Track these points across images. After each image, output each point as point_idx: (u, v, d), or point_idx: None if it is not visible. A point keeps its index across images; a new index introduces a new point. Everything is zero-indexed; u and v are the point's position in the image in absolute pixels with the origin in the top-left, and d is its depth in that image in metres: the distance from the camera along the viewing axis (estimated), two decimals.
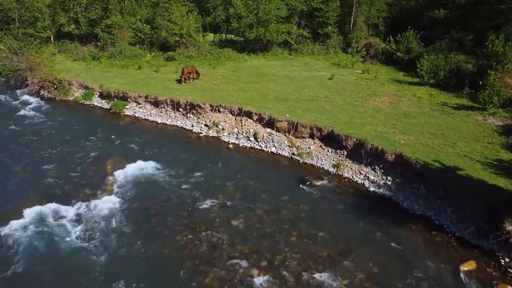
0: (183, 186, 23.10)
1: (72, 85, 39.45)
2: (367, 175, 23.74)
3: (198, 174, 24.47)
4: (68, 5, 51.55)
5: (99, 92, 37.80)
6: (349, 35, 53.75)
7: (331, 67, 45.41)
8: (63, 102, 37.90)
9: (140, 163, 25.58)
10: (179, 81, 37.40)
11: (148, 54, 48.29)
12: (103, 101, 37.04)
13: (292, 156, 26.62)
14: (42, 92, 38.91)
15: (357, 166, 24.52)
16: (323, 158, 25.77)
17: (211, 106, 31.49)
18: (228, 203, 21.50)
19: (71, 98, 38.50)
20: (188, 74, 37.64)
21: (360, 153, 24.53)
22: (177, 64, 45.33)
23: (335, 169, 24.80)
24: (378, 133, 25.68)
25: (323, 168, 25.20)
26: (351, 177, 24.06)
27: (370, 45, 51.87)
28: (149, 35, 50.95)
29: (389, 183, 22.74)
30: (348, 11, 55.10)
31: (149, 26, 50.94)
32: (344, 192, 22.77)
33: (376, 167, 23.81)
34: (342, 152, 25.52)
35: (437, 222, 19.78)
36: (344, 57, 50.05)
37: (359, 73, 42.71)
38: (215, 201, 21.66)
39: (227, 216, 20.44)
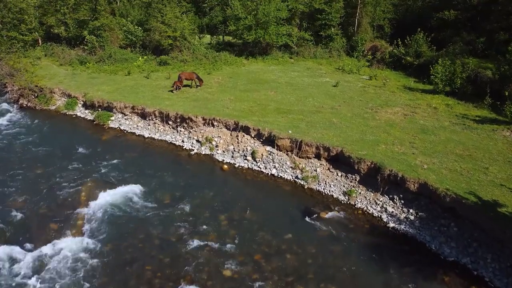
0: (168, 221, 19.06)
1: (54, 93, 35.35)
2: (384, 206, 19.69)
3: (186, 204, 20.42)
4: (55, 6, 47.36)
5: (82, 101, 33.69)
6: (353, 38, 49.62)
7: (335, 73, 41.33)
8: (44, 112, 33.78)
9: (120, 190, 21.55)
10: (175, 89, 33.46)
11: (140, 58, 44.13)
12: (86, 111, 32.94)
13: (296, 180, 22.58)
14: (21, 101, 34.84)
15: (372, 194, 20.47)
16: (332, 183, 21.72)
17: (203, 119, 27.42)
18: (220, 244, 17.45)
19: (53, 108, 34.40)
20: (181, 82, 33.58)
21: (376, 179, 20.46)
22: (170, 69, 41.27)
23: (346, 198, 20.76)
24: (396, 155, 21.62)
25: (332, 195, 21.15)
26: (365, 208, 20.01)
27: (375, 48, 47.76)
28: (141, 38, 46.79)
29: (412, 217, 18.70)
30: (352, 12, 50.92)
31: (141, 28, 46.77)
32: (358, 229, 18.74)
33: (395, 196, 19.77)
34: (354, 176, 21.46)
35: (475, 272, 15.75)
36: (348, 61, 45.94)
37: (366, 79, 38.64)
38: (205, 241, 17.61)
39: (218, 263, 16.39)
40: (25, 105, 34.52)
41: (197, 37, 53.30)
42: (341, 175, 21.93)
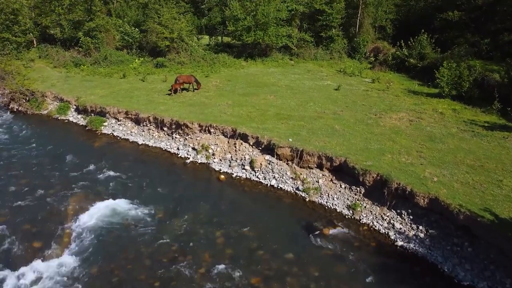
0: (160, 238, 17.58)
1: (46, 97, 33.88)
2: (391, 221, 18.22)
3: (179, 219, 18.97)
4: (50, 6, 45.83)
5: (75, 105, 32.21)
6: (355, 39, 48.10)
7: (337, 75, 39.85)
8: (35, 117, 32.32)
9: (110, 203, 20.11)
10: (173, 92, 32.15)
11: (136, 60, 42.70)
12: (79, 116, 31.46)
13: (297, 191, 21.10)
14: (12, 105, 33.36)
15: (378, 209, 19.00)
16: (335, 196, 20.24)
17: (200, 126, 25.93)
18: (215, 265, 15.98)
19: (45, 112, 32.93)
20: (179, 86, 32.13)
21: (382, 192, 18.98)
22: (166, 72, 39.78)
23: (351, 212, 19.29)
24: (403, 166, 20.13)
25: (335, 209, 19.67)
26: (371, 223, 18.53)
27: (378, 49, 46.26)
28: (138, 39, 45.29)
29: (422, 235, 17.24)
30: (353, 13, 49.41)
31: (138, 30, 45.25)
32: (363, 247, 17.27)
33: (403, 211, 18.30)
34: (358, 189, 19.98)
35: None
36: (350, 63, 44.48)
37: (369, 82, 37.16)
38: (198, 262, 16.14)
39: None
40: (15, 110, 33.10)
41: (196, 38, 51.82)
42: (345, 187, 20.45)
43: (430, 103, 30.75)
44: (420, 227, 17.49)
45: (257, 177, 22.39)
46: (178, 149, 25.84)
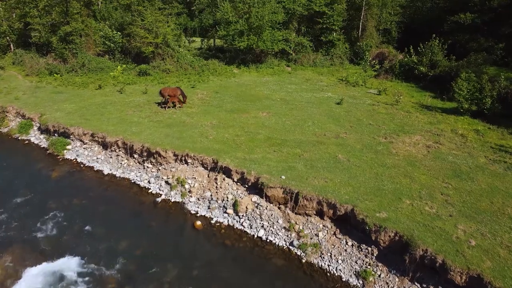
0: None
1: (7, 112, 28.89)
2: None
3: None
4: (24, 8, 40.66)
5: (38, 123, 27.19)
6: (357, 43, 42.97)
7: (338, 85, 34.77)
8: None
9: (53, 265, 15.31)
10: (159, 104, 27.51)
11: (118, 67, 37.59)
12: (42, 136, 26.47)
13: (290, 247, 16.10)
14: None
15: (397, 279, 13.99)
16: (340, 257, 15.23)
17: (175, 155, 20.92)
18: None
19: (5, 130, 28.04)
20: (178, 98, 27.33)
21: (402, 257, 13.98)
22: (149, 81, 34.75)
23: (361, 282, 14.28)
24: (427, 219, 15.11)
25: (340, 277, 14.65)
26: None
27: (383, 55, 41.16)
28: (120, 44, 40.14)
29: None
30: (355, 15, 44.26)
31: (120, 33, 40.09)
32: None
33: (431, 287, 13.28)
34: (370, 249, 14.98)
35: None
36: (353, 70, 39.41)
37: (375, 94, 32.12)
38: None
39: None
40: None
41: (186, 41, 46.72)
42: (352, 245, 15.45)
43: (447, 122, 25.75)
44: None
45: (242, 224, 17.39)
46: (149, 182, 20.84)
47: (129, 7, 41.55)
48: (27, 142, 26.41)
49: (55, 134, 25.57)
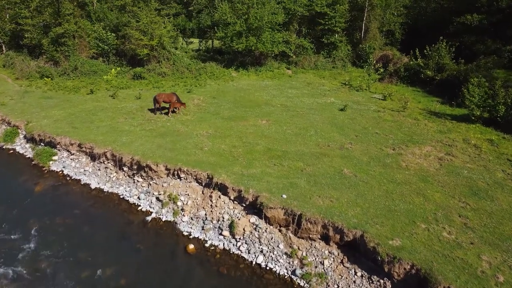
0: None
1: None
2: None
3: None
4: (15, 9, 38.80)
5: (25, 131, 25.38)
6: (360, 45, 41.13)
7: (341, 90, 32.96)
8: None
9: None
10: (152, 111, 25.75)
11: (112, 70, 35.79)
12: (27, 145, 24.66)
13: (293, 277, 14.29)
14: None
15: None
16: None
17: (167, 169, 19.12)
18: None
19: None
20: (179, 104, 25.61)
21: None
22: (144, 85, 32.93)
23: None
24: (446, 247, 13.32)
25: None
26: None
27: (386, 58, 39.36)
28: (115, 46, 38.29)
29: None
30: (358, 16, 42.38)
31: (114, 35, 38.24)
32: None
33: None
34: (382, 282, 13.17)
35: None
36: (356, 73, 37.61)
37: (380, 99, 30.33)
38: None
39: None
40: None
41: (184, 43, 44.86)
42: (362, 276, 13.65)
43: (458, 130, 23.97)
44: None
45: (239, 249, 15.59)
46: (139, 198, 19.03)
47: (124, 7, 39.63)
48: (12, 151, 24.60)
49: (41, 144, 23.78)
